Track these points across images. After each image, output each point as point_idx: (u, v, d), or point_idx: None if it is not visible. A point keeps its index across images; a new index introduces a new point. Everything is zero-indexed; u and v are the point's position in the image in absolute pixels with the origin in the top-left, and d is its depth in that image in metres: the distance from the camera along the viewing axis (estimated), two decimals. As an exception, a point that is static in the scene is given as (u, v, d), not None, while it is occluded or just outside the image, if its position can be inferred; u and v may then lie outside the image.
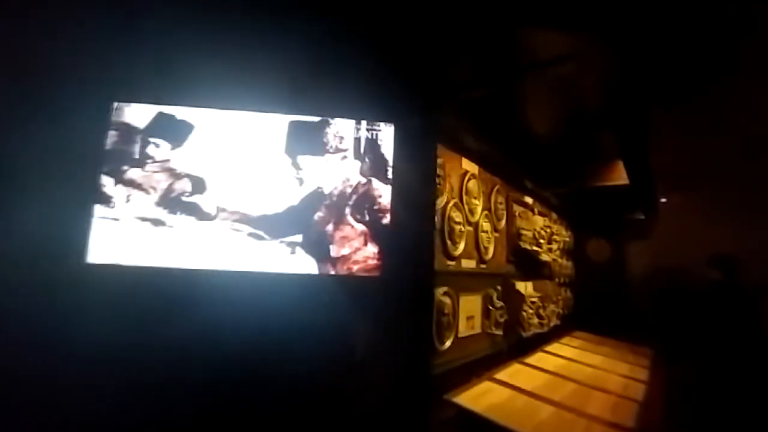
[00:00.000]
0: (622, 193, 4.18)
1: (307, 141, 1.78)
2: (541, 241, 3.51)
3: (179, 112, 1.69)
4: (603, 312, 5.16)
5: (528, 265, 3.50)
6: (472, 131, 2.69)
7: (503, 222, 3.17)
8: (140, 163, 1.63)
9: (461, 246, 2.50)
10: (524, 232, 3.39)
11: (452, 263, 2.44)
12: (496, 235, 3.07)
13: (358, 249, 1.71)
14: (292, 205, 1.71)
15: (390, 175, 1.83)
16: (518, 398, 2.21)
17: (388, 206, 1.79)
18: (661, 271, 5.30)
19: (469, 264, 2.63)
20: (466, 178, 2.65)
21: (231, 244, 1.64)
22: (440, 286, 2.25)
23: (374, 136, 1.84)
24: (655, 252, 5.23)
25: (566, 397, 2.32)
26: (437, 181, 2.32)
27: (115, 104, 1.66)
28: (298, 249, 1.68)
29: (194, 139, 1.69)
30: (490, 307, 2.79)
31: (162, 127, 1.68)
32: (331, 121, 1.81)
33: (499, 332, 2.86)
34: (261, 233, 1.67)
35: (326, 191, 1.76)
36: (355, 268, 1.72)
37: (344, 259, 1.72)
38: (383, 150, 1.84)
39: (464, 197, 2.60)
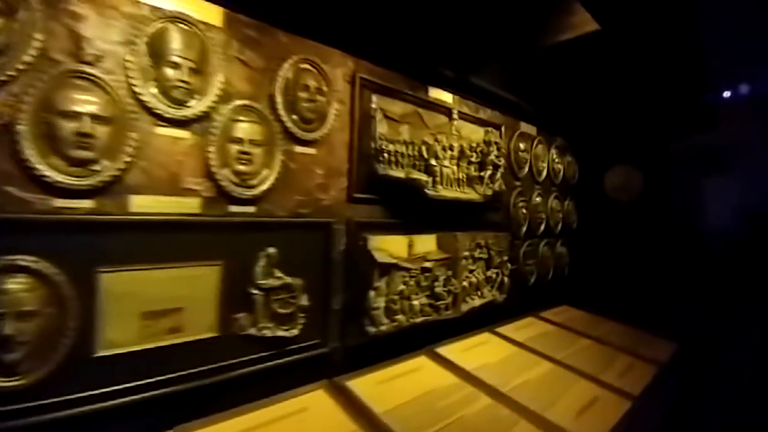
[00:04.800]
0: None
1: None
2: (433, 162, 1.94)
3: None
4: (626, 279, 3.37)
5: (418, 204, 1.99)
6: None
7: (327, 126, 1.68)
8: None
9: (110, 165, 1.16)
10: (392, 147, 1.85)
11: (74, 204, 1.12)
12: (301, 150, 1.63)
13: None
14: None
15: None
16: None
17: None
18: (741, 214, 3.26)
19: (163, 205, 1.28)
20: (154, 25, 1.23)
21: None
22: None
23: None
24: (723, 184, 3.16)
25: None
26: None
27: None
28: None
29: None
30: (254, 291, 1.44)
31: None
32: None
33: (289, 331, 1.53)
34: None
35: None
36: None
37: None
38: None
39: (132, 62, 1.20)
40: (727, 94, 2.82)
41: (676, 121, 3.04)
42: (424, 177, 1.92)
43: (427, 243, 2.09)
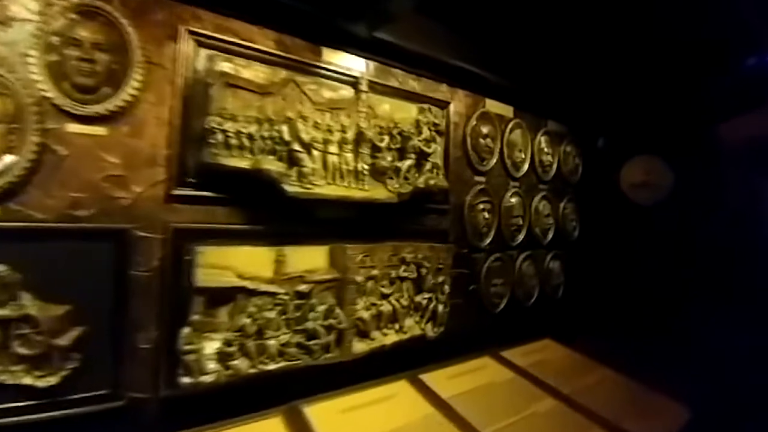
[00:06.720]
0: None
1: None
2: (297, 147, 1.40)
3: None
4: (642, 305, 2.56)
5: (290, 205, 1.47)
6: None
7: (122, 97, 1.23)
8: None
9: None
10: (232, 126, 1.34)
11: None
12: (79, 130, 1.20)
13: None
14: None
15: None
16: None
17: None
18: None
19: None
20: None
21: None
22: None
23: None
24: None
25: None
26: None
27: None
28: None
29: None
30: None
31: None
32: None
33: (44, 378, 1.10)
34: None
35: None
36: None
37: None
38: None
39: None
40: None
41: (713, 96, 2.18)
42: (281, 167, 1.39)
43: (311, 258, 1.56)
